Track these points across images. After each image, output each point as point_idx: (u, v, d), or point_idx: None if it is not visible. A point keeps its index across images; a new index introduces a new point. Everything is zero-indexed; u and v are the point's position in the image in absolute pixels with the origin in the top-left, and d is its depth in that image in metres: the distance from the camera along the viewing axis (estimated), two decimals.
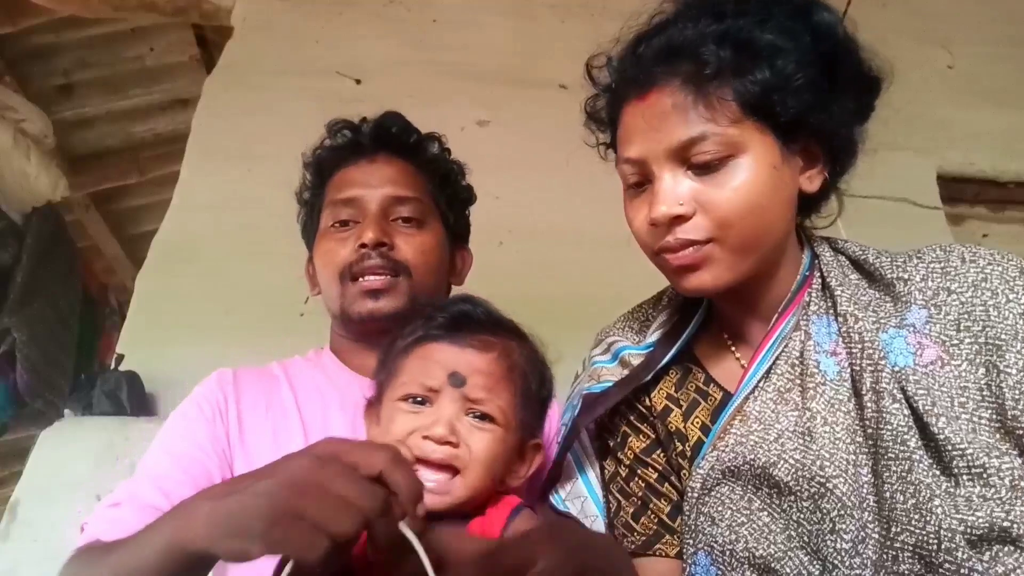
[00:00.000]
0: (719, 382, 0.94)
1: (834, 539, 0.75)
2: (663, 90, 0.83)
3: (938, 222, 2.47)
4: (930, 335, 0.82)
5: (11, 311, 2.94)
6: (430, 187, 1.16)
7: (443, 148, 1.23)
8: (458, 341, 0.86)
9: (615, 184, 0.96)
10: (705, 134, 0.81)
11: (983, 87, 2.63)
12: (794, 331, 0.89)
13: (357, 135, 1.17)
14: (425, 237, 1.10)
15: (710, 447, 0.88)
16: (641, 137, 0.85)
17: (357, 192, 1.10)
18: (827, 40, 0.85)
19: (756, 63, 0.81)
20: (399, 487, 0.62)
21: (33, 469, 1.76)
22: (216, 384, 1.06)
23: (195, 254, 2.18)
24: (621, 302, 1.12)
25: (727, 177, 0.82)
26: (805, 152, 0.87)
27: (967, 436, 0.75)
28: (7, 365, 2.96)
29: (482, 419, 0.82)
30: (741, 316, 0.95)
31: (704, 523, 0.86)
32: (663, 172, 0.84)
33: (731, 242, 0.83)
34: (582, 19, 2.66)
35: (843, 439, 0.79)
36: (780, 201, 0.85)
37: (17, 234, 3.09)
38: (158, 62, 3.43)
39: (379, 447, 0.65)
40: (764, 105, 0.81)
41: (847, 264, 0.93)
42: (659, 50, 0.85)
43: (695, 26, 0.84)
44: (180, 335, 2.04)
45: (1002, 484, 0.72)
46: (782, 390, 0.86)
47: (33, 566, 1.63)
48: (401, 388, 0.85)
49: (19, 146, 3.00)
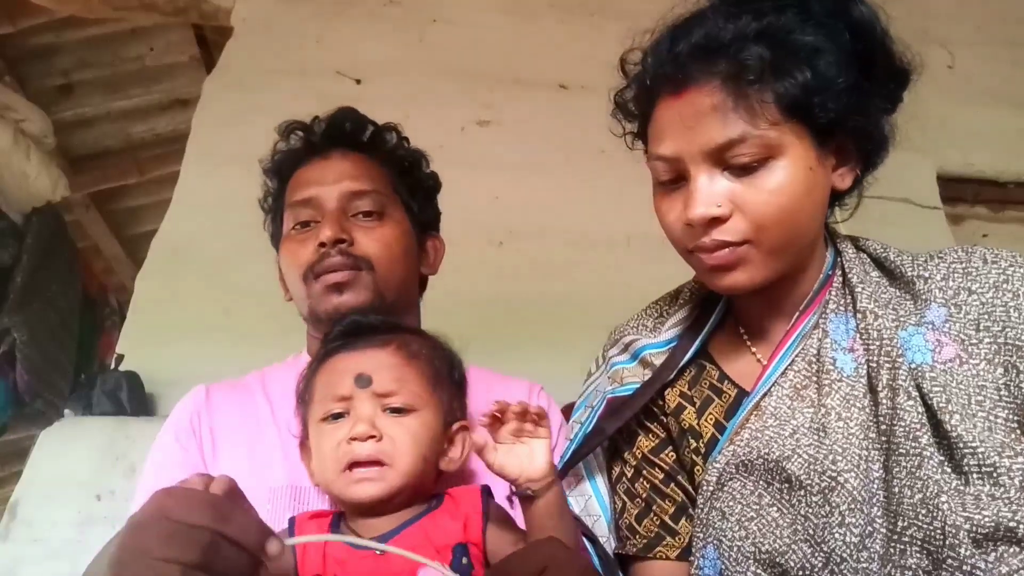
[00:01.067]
0: (733, 379, 0.95)
1: (843, 532, 0.76)
2: (701, 89, 0.81)
3: (938, 222, 2.47)
4: (949, 333, 0.82)
5: (11, 311, 2.94)
6: (390, 178, 1.14)
7: (401, 138, 1.21)
8: (355, 347, 0.90)
9: (615, 184, 0.96)
10: (744, 136, 0.80)
11: (983, 87, 2.63)
12: (813, 329, 0.90)
13: (309, 135, 1.16)
14: (386, 229, 1.09)
15: (727, 442, 0.89)
16: (676, 135, 0.84)
17: (313, 192, 1.08)
18: (866, 38, 0.83)
19: (797, 64, 0.80)
20: (234, 535, 0.64)
21: (33, 469, 1.76)
22: (191, 405, 1.07)
23: (195, 254, 2.18)
24: (621, 302, 1.12)
25: (764, 179, 0.81)
26: (838, 150, 0.86)
27: (980, 435, 0.75)
28: (7, 365, 2.96)
29: (398, 412, 0.86)
30: (763, 313, 0.95)
31: (715, 517, 0.87)
32: (699, 172, 0.83)
33: (766, 244, 0.83)
34: (582, 19, 2.66)
35: (856, 434, 0.80)
36: (814, 202, 0.85)
37: (17, 234, 3.09)
38: (158, 62, 3.43)
39: (201, 500, 0.67)
40: (804, 107, 0.80)
41: (868, 262, 0.92)
42: (697, 47, 0.83)
43: (735, 23, 0.82)
44: (180, 335, 2.04)
45: (1012, 484, 0.72)
46: (799, 387, 0.87)
47: (33, 566, 1.63)
48: (318, 409, 0.87)
49: (19, 146, 3.01)
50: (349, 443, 0.83)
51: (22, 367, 2.96)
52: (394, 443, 0.83)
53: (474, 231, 2.27)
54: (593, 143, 2.39)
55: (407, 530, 0.81)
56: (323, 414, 0.87)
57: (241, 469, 0.95)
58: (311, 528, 0.84)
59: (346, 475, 0.82)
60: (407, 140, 1.22)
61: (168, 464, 1.00)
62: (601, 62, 0.99)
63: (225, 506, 0.67)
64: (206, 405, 1.06)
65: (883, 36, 0.85)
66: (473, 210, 2.33)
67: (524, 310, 2.15)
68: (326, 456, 0.85)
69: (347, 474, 0.82)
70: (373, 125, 1.18)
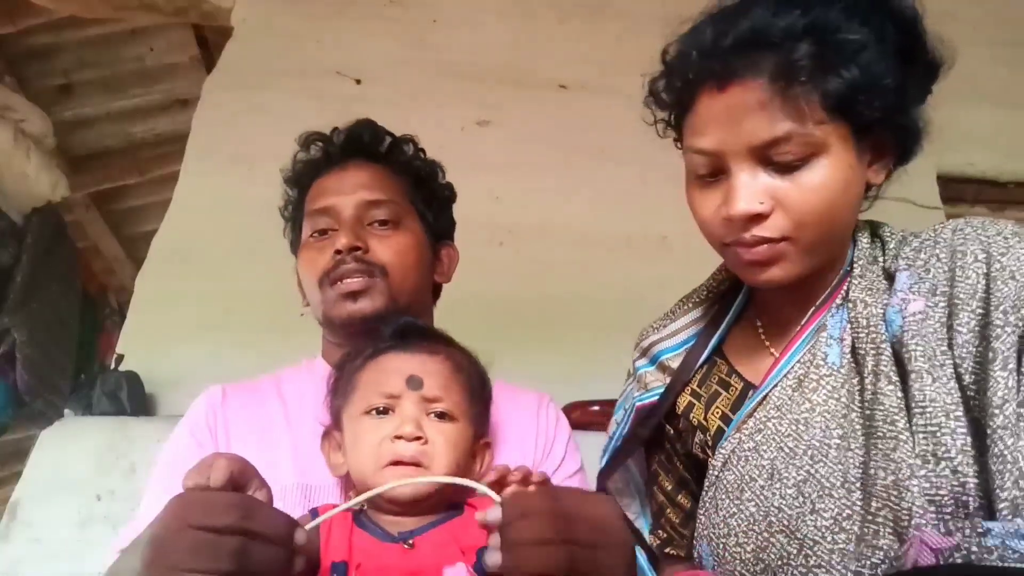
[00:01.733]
0: (742, 374, 0.96)
1: (814, 518, 0.78)
2: (746, 84, 0.80)
3: (938, 222, 2.47)
4: (912, 291, 0.82)
5: (11, 311, 2.95)
6: (405, 189, 1.17)
7: (418, 149, 1.24)
8: (408, 348, 0.92)
9: (614, 184, 0.96)
10: (791, 134, 0.79)
11: (983, 87, 2.63)
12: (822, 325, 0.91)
13: (328, 146, 1.20)
14: (401, 237, 1.11)
15: (734, 430, 0.91)
16: (719, 130, 0.83)
17: (331, 200, 1.11)
18: (909, 34, 0.83)
19: (844, 63, 0.79)
20: (263, 531, 0.64)
21: (33, 469, 1.76)
22: (205, 405, 1.08)
23: (195, 254, 2.18)
24: (621, 302, 1.13)
25: (807, 177, 0.81)
26: (875, 145, 0.86)
27: (931, 394, 0.75)
28: (7, 365, 2.97)
29: (441, 417, 0.88)
30: (783, 306, 0.95)
31: (710, 508, 0.91)
32: (741, 168, 0.82)
33: (804, 241, 0.83)
34: (582, 19, 2.66)
35: (832, 426, 0.82)
36: (852, 197, 0.85)
37: (17, 234, 3.09)
38: (158, 62, 3.43)
39: (222, 502, 0.65)
40: (850, 106, 0.80)
41: (880, 250, 0.92)
42: (742, 41, 0.81)
43: (783, 18, 0.81)
44: (180, 335, 2.04)
45: (953, 445, 0.72)
46: (800, 379, 0.88)
47: (33, 566, 1.63)
48: (362, 402, 0.89)
49: (19, 146, 3.01)
50: (394, 440, 0.84)
51: (22, 367, 2.96)
52: (435, 447, 0.85)
53: (474, 231, 2.26)
54: (593, 143, 2.39)
55: (433, 530, 0.82)
56: (367, 407, 0.88)
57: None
58: (337, 517, 0.84)
59: (387, 470, 0.83)
60: (424, 152, 1.25)
61: (182, 459, 1.00)
62: (601, 62, 0.99)
63: (246, 503, 0.65)
64: (222, 405, 1.07)
65: (923, 29, 0.84)
66: (473, 210, 2.33)
67: (524, 310, 2.15)
68: (366, 449, 0.86)
69: (388, 470, 0.83)
70: (391, 136, 1.22)
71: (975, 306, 0.76)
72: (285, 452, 1.00)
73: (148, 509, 1.00)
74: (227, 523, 0.62)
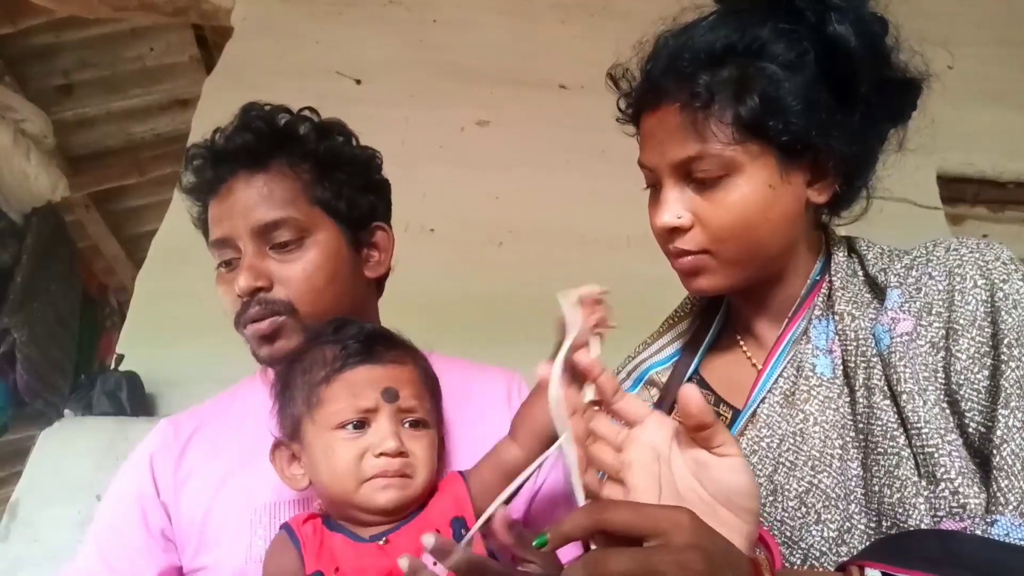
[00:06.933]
0: (728, 401, 0.96)
1: (820, 528, 0.78)
2: (670, 107, 0.86)
3: (938, 222, 2.48)
4: (905, 310, 0.83)
5: (11, 311, 2.95)
6: (305, 186, 1.05)
7: (315, 125, 1.09)
8: (378, 360, 0.90)
9: (614, 184, 0.97)
10: (703, 154, 0.83)
11: (983, 87, 2.62)
12: (802, 335, 0.91)
13: (209, 163, 1.09)
14: (308, 255, 1.02)
15: None
16: (652, 147, 0.89)
17: (226, 230, 1.03)
18: (840, 56, 0.84)
19: (756, 86, 0.83)
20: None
21: (33, 469, 1.76)
22: (149, 457, 1.07)
23: (195, 254, 2.16)
24: (620, 302, 1.12)
25: (723, 195, 0.85)
26: (814, 165, 0.87)
27: (925, 416, 0.75)
28: (7, 365, 2.97)
29: (416, 426, 0.88)
30: (753, 315, 0.97)
31: None
32: (669, 184, 0.88)
33: (723, 256, 0.87)
34: (582, 19, 2.66)
35: (832, 436, 0.82)
36: (776, 217, 0.86)
37: (17, 234, 3.10)
38: (158, 62, 3.43)
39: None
40: (761, 128, 0.83)
41: (858, 263, 0.93)
42: (666, 67, 0.88)
43: (706, 40, 0.86)
44: (180, 335, 2.04)
45: (952, 466, 0.73)
46: (787, 394, 0.88)
47: (33, 566, 1.63)
48: (334, 417, 0.86)
49: (19, 146, 3.01)
50: (377, 456, 0.84)
51: (22, 367, 2.96)
52: (416, 458, 0.86)
53: (474, 231, 2.27)
54: (593, 143, 2.39)
55: (405, 527, 0.83)
56: (339, 422, 0.86)
57: (208, 491, 0.97)
58: (308, 530, 0.84)
59: (370, 483, 0.83)
60: (319, 125, 1.10)
61: (122, 523, 1.03)
62: (601, 62, 0.99)
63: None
64: (174, 439, 1.06)
65: (871, 49, 0.85)
66: (473, 210, 2.31)
67: (524, 310, 2.15)
68: (342, 464, 0.84)
69: (371, 482, 0.83)
70: (271, 128, 1.08)
71: (975, 334, 0.77)
72: (252, 473, 0.97)
73: (85, 563, 1.04)
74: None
